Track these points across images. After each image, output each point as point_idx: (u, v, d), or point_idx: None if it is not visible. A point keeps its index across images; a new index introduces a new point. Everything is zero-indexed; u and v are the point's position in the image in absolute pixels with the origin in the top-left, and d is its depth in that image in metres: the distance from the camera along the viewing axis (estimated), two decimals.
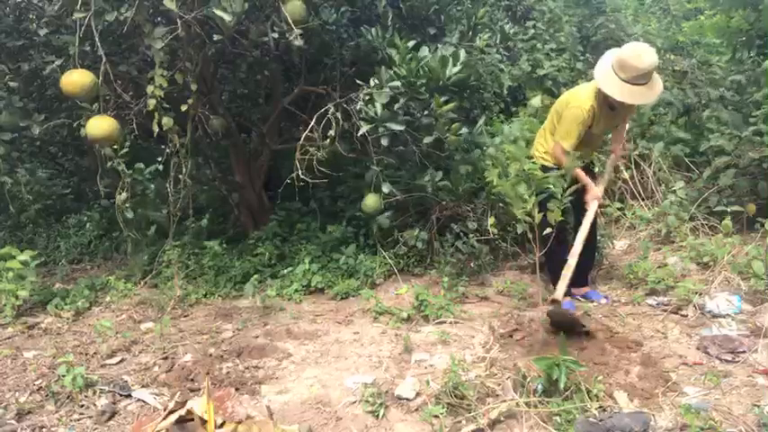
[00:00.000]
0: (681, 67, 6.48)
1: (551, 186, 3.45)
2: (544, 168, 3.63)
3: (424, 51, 3.63)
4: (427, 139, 3.80)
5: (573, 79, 6.10)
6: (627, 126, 4.00)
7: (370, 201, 3.98)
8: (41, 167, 6.70)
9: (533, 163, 3.76)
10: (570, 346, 2.82)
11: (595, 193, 3.64)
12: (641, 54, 3.22)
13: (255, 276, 4.37)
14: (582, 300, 3.85)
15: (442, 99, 3.68)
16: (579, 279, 3.96)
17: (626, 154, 4.51)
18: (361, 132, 3.66)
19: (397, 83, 3.54)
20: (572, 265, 3.44)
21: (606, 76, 3.32)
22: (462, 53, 3.67)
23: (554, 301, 3.37)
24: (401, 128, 3.62)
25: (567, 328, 3.12)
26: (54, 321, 4.02)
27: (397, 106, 3.61)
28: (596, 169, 4.30)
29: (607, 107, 3.48)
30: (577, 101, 3.49)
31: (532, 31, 6.37)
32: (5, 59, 4.19)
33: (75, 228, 6.31)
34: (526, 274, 4.42)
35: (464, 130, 3.93)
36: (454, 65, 3.59)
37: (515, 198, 3.60)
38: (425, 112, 3.73)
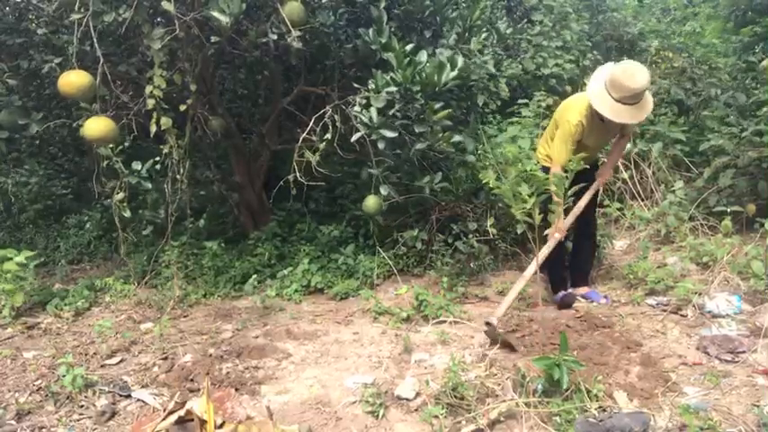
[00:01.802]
0: (680, 64, 6.50)
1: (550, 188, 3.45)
2: (546, 170, 3.63)
3: (423, 56, 3.62)
4: (419, 146, 3.79)
5: (579, 77, 6.11)
6: (626, 147, 3.94)
7: (371, 202, 3.97)
8: (41, 168, 6.71)
9: (535, 164, 3.77)
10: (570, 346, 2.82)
11: (559, 227, 3.53)
12: (633, 74, 3.24)
13: (255, 277, 4.38)
14: (582, 300, 3.86)
15: (437, 105, 3.67)
16: (579, 280, 3.97)
17: (609, 180, 4.26)
18: (354, 138, 3.67)
19: (393, 88, 3.54)
20: (526, 277, 3.42)
21: (599, 94, 3.37)
22: (460, 59, 3.67)
23: (488, 324, 3.19)
24: (394, 135, 3.62)
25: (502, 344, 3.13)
26: (54, 322, 4.02)
27: (392, 111, 3.60)
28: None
29: (598, 119, 3.49)
30: (568, 115, 3.54)
31: (538, 27, 6.36)
32: (5, 58, 4.18)
33: (74, 228, 6.31)
34: None
35: (457, 137, 3.92)
36: (452, 70, 3.58)
37: (514, 199, 3.60)
38: (420, 117, 3.72)
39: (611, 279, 4.24)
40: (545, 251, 3.53)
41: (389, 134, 3.60)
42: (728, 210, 4.46)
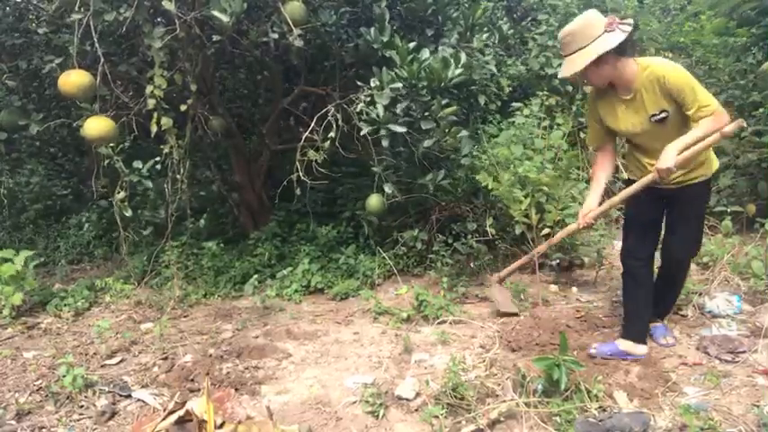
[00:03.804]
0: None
1: (545, 187, 3.45)
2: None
3: (425, 53, 3.62)
4: (427, 143, 3.79)
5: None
6: (695, 137, 2.60)
7: (374, 201, 3.97)
8: (41, 168, 6.71)
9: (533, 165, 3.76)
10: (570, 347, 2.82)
11: (583, 213, 3.08)
12: (571, 22, 2.71)
13: (255, 277, 4.38)
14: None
15: (443, 102, 3.67)
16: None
17: (666, 177, 2.67)
18: (362, 134, 3.67)
19: (399, 84, 3.54)
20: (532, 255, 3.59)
21: None
22: (463, 56, 3.67)
23: (501, 280, 3.78)
24: (403, 130, 3.61)
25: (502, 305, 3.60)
26: (54, 322, 4.02)
27: (398, 108, 3.60)
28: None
29: (611, 91, 2.79)
30: None
31: (544, 27, 6.34)
32: (5, 58, 4.19)
33: (74, 228, 6.31)
34: (526, 275, 4.41)
35: (463, 133, 3.92)
36: (456, 67, 3.59)
37: (512, 200, 3.61)
38: (426, 114, 3.72)
39: (611, 279, 4.24)
40: (558, 237, 3.36)
41: (398, 129, 3.59)
42: (728, 210, 4.46)
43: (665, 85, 2.60)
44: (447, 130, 3.78)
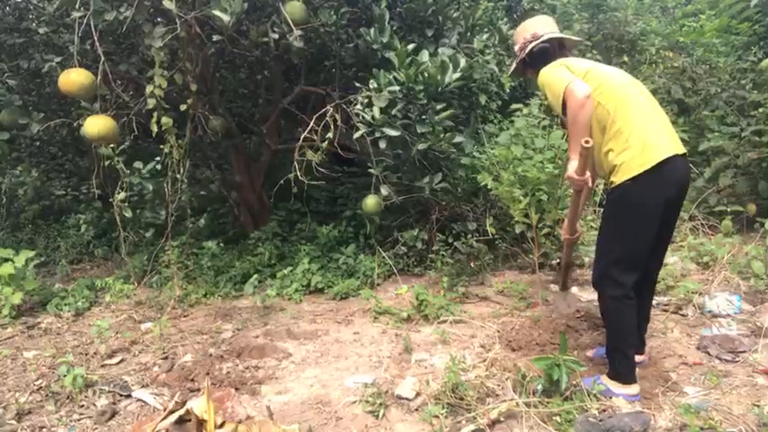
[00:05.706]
0: (680, 64, 6.49)
1: (545, 186, 3.44)
2: None
3: (424, 56, 3.61)
4: (421, 146, 3.78)
5: None
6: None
7: (370, 202, 3.97)
8: (39, 168, 6.71)
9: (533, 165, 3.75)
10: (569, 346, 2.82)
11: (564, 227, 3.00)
12: None
13: (255, 276, 4.38)
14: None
15: (440, 106, 3.67)
16: None
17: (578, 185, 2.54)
18: (356, 136, 3.67)
19: (396, 87, 3.54)
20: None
21: None
22: (462, 60, 3.66)
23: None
24: (397, 133, 3.61)
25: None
26: (54, 321, 4.02)
27: (394, 111, 3.60)
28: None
29: None
30: None
31: None
32: (5, 58, 4.19)
33: (74, 228, 6.32)
34: (526, 274, 4.42)
35: (459, 138, 3.91)
36: (454, 71, 3.58)
37: (511, 199, 3.61)
38: (422, 118, 3.72)
39: None
40: (567, 253, 3.11)
41: (392, 132, 3.60)
42: (729, 209, 4.47)
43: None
44: (442, 135, 3.77)
